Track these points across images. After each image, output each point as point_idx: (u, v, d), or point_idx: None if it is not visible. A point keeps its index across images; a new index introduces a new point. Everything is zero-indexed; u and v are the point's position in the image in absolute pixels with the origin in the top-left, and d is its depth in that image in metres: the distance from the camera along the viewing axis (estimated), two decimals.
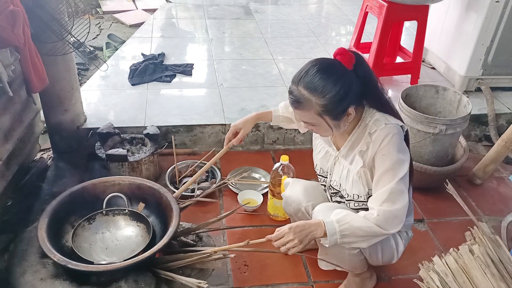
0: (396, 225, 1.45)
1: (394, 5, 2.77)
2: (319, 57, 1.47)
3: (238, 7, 4.55)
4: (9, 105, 1.95)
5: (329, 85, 1.36)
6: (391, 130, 1.43)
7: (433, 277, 1.49)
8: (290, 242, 1.43)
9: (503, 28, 2.77)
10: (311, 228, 1.45)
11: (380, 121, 1.45)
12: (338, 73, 1.38)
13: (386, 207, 1.43)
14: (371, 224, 1.43)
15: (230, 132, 1.81)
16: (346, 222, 1.44)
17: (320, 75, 1.37)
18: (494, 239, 1.53)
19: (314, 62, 1.42)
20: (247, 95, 2.91)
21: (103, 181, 1.89)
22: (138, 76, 3.03)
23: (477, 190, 2.45)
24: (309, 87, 1.38)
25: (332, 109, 1.39)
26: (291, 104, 1.45)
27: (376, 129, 1.44)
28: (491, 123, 2.81)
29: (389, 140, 1.42)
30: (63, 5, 2.05)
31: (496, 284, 1.39)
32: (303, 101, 1.39)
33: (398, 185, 1.42)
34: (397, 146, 1.43)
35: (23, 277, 1.56)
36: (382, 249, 1.60)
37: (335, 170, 1.61)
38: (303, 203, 1.73)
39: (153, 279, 1.59)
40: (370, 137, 1.46)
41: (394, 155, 1.42)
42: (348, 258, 1.60)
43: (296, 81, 1.41)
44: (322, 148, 1.66)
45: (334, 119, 1.42)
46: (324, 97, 1.37)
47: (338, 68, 1.39)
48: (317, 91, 1.37)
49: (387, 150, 1.43)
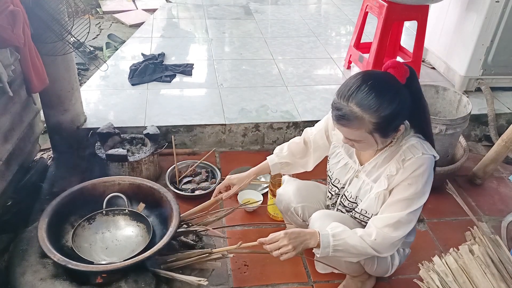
0: (390, 251, 1.46)
1: (394, 5, 2.77)
2: (368, 70, 1.41)
3: (238, 7, 4.55)
4: (9, 105, 1.95)
5: (385, 103, 1.28)
6: (426, 162, 1.38)
7: (433, 277, 1.49)
8: (284, 247, 1.41)
9: (503, 28, 2.77)
10: (306, 237, 1.44)
11: (417, 148, 1.39)
12: (393, 90, 1.30)
13: (387, 232, 1.42)
14: (366, 246, 1.42)
15: (222, 184, 1.77)
16: (342, 239, 1.43)
17: (375, 92, 1.28)
18: (494, 239, 1.53)
19: (366, 77, 1.31)
20: (247, 95, 2.92)
21: (103, 181, 1.89)
22: (138, 76, 3.03)
23: (477, 190, 2.45)
24: (363, 105, 1.28)
25: (385, 127, 1.33)
26: (336, 121, 1.35)
27: (412, 157, 1.38)
28: (491, 123, 2.81)
29: (421, 172, 1.38)
30: (63, 5, 2.05)
31: (496, 284, 1.39)
32: (353, 119, 1.30)
33: (409, 216, 1.42)
34: (426, 179, 1.40)
35: (23, 277, 1.56)
36: (378, 262, 1.60)
37: (353, 183, 1.57)
38: (293, 203, 1.72)
39: (153, 279, 1.59)
40: (403, 164, 1.40)
41: (419, 188, 1.40)
42: (345, 263, 1.60)
43: (346, 97, 1.30)
44: (342, 159, 1.60)
45: (383, 137, 1.36)
46: (379, 115, 1.28)
47: (393, 83, 1.31)
48: (371, 109, 1.28)
49: (415, 181, 1.39)
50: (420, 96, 1.40)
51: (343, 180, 1.61)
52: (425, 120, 1.45)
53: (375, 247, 1.43)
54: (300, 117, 2.69)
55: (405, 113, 1.35)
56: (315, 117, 2.69)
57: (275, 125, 2.66)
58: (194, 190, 2.29)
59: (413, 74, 1.35)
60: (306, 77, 3.19)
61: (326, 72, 3.33)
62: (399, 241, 1.45)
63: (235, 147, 2.69)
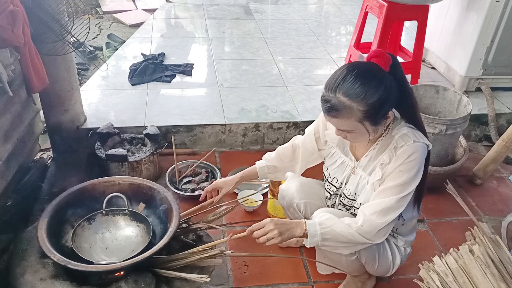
0: (379, 237, 1.45)
1: (394, 5, 2.77)
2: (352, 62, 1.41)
3: (238, 7, 4.55)
4: (9, 105, 1.95)
5: (371, 90, 1.30)
6: (417, 149, 1.40)
7: (433, 277, 1.49)
8: (270, 232, 1.43)
9: (503, 28, 2.77)
10: (291, 225, 1.45)
11: (409, 136, 1.41)
12: (378, 77, 1.33)
13: (374, 219, 1.42)
14: (353, 232, 1.42)
15: (210, 187, 1.80)
16: (328, 226, 1.43)
17: (361, 81, 1.31)
18: (494, 239, 1.53)
19: (350, 67, 1.35)
20: (247, 95, 2.91)
21: (103, 181, 1.88)
22: (138, 76, 3.03)
23: (477, 190, 2.45)
24: (350, 94, 1.31)
25: (374, 114, 1.35)
26: (327, 113, 1.38)
27: (404, 145, 1.40)
28: (491, 123, 2.81)
29: (413, 159, 1.40)
30: (63, 5, 2.05)
31: (496, 284, 1.39)
32: (342, 109, 1.33)
33: (398, 202, 1.42)
34: (418, 167, 1.41)
35: (23, 277, 1.56)
36: (379, 260, 1.60)
37: (350, 180, 1.58)
38: (295, 199, 1.73)
39: (153, 279, 1.59)
40: (395, 151, 1.42)
41: (411, 175, 1.41)
42: (346, 262, 1.60)
43: (333, 88, 1.33)
44: (339, 158, 1.61)
45: (373, 124, 1.38)
46: (366, 103, 1.31)
47: (377, 71, 1.34)
48: (358, 97, 1.30)
49: (406, 168, 1.40)
50: (405, 83, 1.42)
51: (340, 179, 1.62)
52: (411, 106, 1.46)
53: (362, 234, 1.42)
54: (300, 117, 2.69)
55: (392, 100, 1.37)
56: (315, 117, 2.64)
57: (275, 125, 2.66)
58: (194, 190, 2.29)
59: (396, 61, 1.38)
60: (306, 77, 3.19)
61: (326, 72, 3.33)
62: (387, 227, 1.44)
63: (235, 147, 2.69)
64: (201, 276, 1.52)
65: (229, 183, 1.78)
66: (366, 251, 1.56)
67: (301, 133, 2.68)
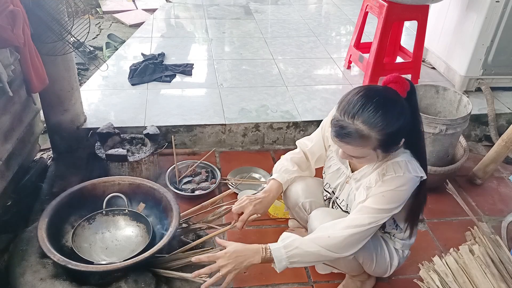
0: (347, 251, 1.42)
1: (394, 5, 2.77)
2: (370, 84, 1.38)
3: (238, 7, 4.55)
4: (9, 105, 1.95)
5: (392, 120, 1.27)
6: (405, 183, 1.37)
7: (433, 277, 1.49)
8: (224, 268, 1.39)
9: (503, 28, 2.77)
10: (248, 254, 1.42)
11: (400, 167, 1.37)
12: (399, 106, 1.29)
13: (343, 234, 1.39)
14: (320, 248, 1.40)
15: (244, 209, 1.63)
16: (295, 247, 1.41)
17: (382, 110, 1.26)
18: (494, 239, 1.53)
19: (371, 94, 1.29)
20: (247, 95, 2.92)
21: (103, 181, 1.89)
22: (138, 76, 3.03)
23: (477, 190, 2.45)
24: (370, 123, 1.26)
25: (389, 143, 1.32)
26: (340, 138, 1.32)
27: (392, 175, 1.37)
28: (491, 123, 2.81)
29: (399, 191, 1.38)
30: (63, 5, 2.05)
31: (496, 284, 1.39)
32: (358, 137, 1.28)
33: (369, 225, 1.39)
34: (402, 199, 1.39)
35: (23, 277, 1.56)
36: (376, 261, 1.60)
37: (344, 189, 1.57)
38: (301, 199, 1.72)
39: (153, 279, 1.59)
40: (381, 178, 1.39)
41: (391, 206, 1.39)
42: (344, 262, 1.60)
43: (351, 115, 1.28)
44: (334, 164, 1.61)
45: (385, 152, 1.35)
46: (385, 132, 1.27)
47: (397, 99, 1.30)
48: (378, 127, 1.26)
49: (390, 196, 1.38)
50: (418, 110, 1.40)
51: (333, 185, 1.62)
52: (419, 134, 1.44)
53: (329, 248, 1.40)
54: (300, 117, 2.69)
55: (408, 128, 1.34)
56: (315, 117, 2.69)
57: (275, 125, 2.66)
58: (194, 190, 2.29)
59: (413, 88, 1.35)
60: (306, 77, 3.19)
61: (326, 72, 3.33)
62: (355, 245, 1.42)
63: (235, 147, 2.69)
64: (200, 276, 1.52)
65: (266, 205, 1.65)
66: (364, 251, 1.55)
67: (301, 133, 2.69)
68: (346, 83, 3.14)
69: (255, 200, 1.62)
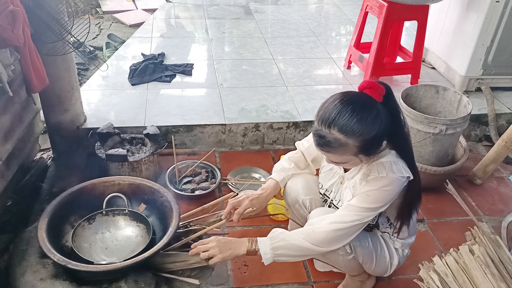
0: (330, 246, 1.45)
1: (394, 5, 2.77)
2: (346, 90, 1.37)
3: (238, 7, 4.55)
4: (9, 105, 1.95)
5: (368, 126, 1.28)
6: (389, 183, 1.39)
7: (433, 277, 1.49)
8: (211, 250, 1.47)
9: (503, 28, 2.77)
10: (235, 244, 1.48)
11: (384, 168, 1.39)
12: (374, 111, 1.30)
13: (328, 228, 1.43)
14: (303, 241, 1.43)
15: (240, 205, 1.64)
16: (280, 239, 1.45)
17: (357, 116, 1.27)
18: (494, 239, 1.53)
19: (345, 101, 1.30)
20: (247, 95, 2.92)
21: (103, 181, 1.89)
22: (138, 76, 3.03)
23: (477, 190, 2.45)
24: (346, 131, 1.28)
25: (369, 147, 1.34)
26: (320, 148, 1.36)
27: (375, 175, 1.40)
28: (491, 123, 2.81)
29: (382, 191, 1.40)
30: (63, 5, 2.05)
31: (496, 284, 1.39)
32: (337, 145, 1.31)
33: (353, 223, 1.42)
34: (386, 199, 1.41)
35: (23, 277, 1.56)
36: (376, 260, 1.60)
37: (338, 189, 1.58)
38: (301, 195, 1.72)
39: (153, 279, 1.59)
40: (365, 178, 1.42)
41: (376, 204, 1.41)
42: (343, 262, 1.60)
43: (327, 123, 1.30)
44: (327, 164, 1.61)
45: (367, 155, 1.38)
46: (363, 139, 1.29)
47: (372, 104, 1.31)
48: (355, 134, 1.28)
49: (374, 196, 1.40)
50: (397, 113, 1.40)
51: (326, 185, 1.63)
52: (403, 135, 1.44)
53: (313, 242, 1.43)
54: (300, 117, 2.69)
55: (386, 131, 1.34)
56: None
57: (275, 125, 2.66)
58: (194, 190, 2.29)
59: (389, 91, 1.36)
60: (306, 77, 3.19)
61: (326, 72, 3.33)
62: (339, 240, 1.45)
63: (235, 147, 2.69)
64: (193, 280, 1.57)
65: (263, 202, 1.67)
66: (363, 251, 1.56)
67: (301, 133, 2.69)
68: (346, 83, 3.15)
69: (252, 196, 1.66)
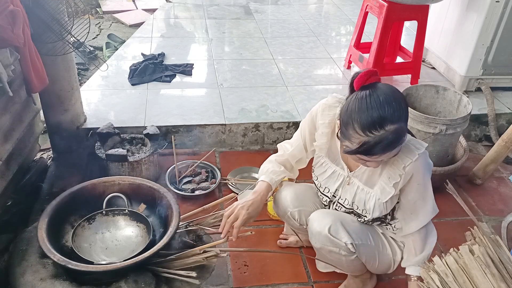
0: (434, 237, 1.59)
1: (394, 5, 2.77)
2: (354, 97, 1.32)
3: (238, 7, 4.55)
4: (9, 105, 1.95)
5: (403, 101, 1.30)
6: (424, 161, 1.42)
7: (433, 277, 1.49)
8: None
9: (503, 28, 2.77)
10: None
11: (411, 150, 1.40)
12: (393, 88, 1.31)
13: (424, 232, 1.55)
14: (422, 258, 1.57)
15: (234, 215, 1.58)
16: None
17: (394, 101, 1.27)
18: (494, 239, 1.53)
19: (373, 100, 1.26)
20: (247, 95, 2.91)
21: (103, 181, 1.89)
22: (138, 76, 3.03)
23: (477, 190, 2.45)
24: (396, 118, 1.25)
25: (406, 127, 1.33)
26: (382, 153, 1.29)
27: (411, 162, 1.39)
28: (491, 123, 2.81)
29: (424, 171, 1.43)
30: (63, 5, 2.05)
31: (496, 284, 1.39)
32: (397, 138, 1.27)
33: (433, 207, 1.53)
34: (429, 170, 1.47)
35: (23, 277, 1.56)
36: (379, 258, 1.61)
37: (345, 189, 1.57)
38: (289, 208, 1.71)
39: (153, 279, 1.59)
40: (404, 170, 1.41)
41: (427, 184, 1.47)
42: (346, 263, 1.59)
43: (377, 125, 1.24)
44: (329, 167, 1.60)
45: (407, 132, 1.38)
46: (407, 113, 1.31)
47: (386, 85, 1.32)
48: (402, 116, 1.28)
49: (423, 180, 1.45)
50: None
51: (332, 189, 1.61)
52: None
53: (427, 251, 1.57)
54: (300, 117, 2.69)
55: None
56: None
57: (275, 125, 2.66)
58: (194, 190, 2.29)
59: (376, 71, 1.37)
60: (306, 77, 3.19)
61: (326, 72, 3.33)
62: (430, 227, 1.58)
63: (235, 147, 2.69)
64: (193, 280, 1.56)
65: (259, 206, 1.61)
66: (366, 250, 1.56)
67: None
68: (346, 83, 3.12)
69: (245, 203, 1.58)
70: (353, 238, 1.52)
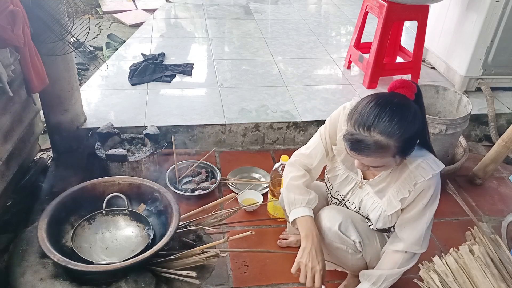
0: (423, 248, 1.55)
1: (394, 5, 2.77)
2: (376, 92, 1.34)
3: (238, 7, 4.55)
4: (9, 105, 1.95)
5: (409, 125, 1.26)
6: (435, 182, 1.40)
7: (433, 277, 1.49)
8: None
9: (503, 28, 2.77)
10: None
11: (426, 169, 1.38)
12: (412, 110, 1.28)
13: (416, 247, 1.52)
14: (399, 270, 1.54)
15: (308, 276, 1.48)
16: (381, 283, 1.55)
17: (397, 117, 1.24)
18: (494, 239, 1.54)
19: (382, 103, 1.27)
20: (247, 95, 2.91)
21: (103, 181, 1.89)
22: (138, 76, 3.03)
23: (477, 190, 2.44)
24: (387, 132, 1.24)
25: (407, 147, 1.31)
26: (357, 152, 1.30)
27: (423, 180, 1.38)
28: (491, 123, 2.81)
29: (432, 193, 1.41)
30: (63, 5, 2.05)
31: (496, 284, 1.39)
32: (378, 148, 1.26)
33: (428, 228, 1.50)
34: (438, 196, 1.45)
35: (23, 277, 1.56)
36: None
37: (356, 193, 1.57)
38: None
39: (153, 279, 1.59)
40: (414, 187, 1.40)
41: (433, 206, 1.45)
42: (351, 261, 1.60)
43: (366, 127, 1.26)
44: (342, 173, 1.59)
45: (403, 156, 1.35)
46: (404, 138, 1.26)
47: (408, 103, 1.29)
48: (396, 135, 1.25)
49: (429, 201, 1.43)
50: (424, 109, 1.41)
51: (343, 192, 1.61)
52: (427, 130, 1.46)
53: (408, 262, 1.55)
54: (300, 117, 2.69)
55: (422, 129, 1.34)
56: (315, 117, 2.69)
57: (275, 125, 2.66)
58: (194, 190, 2.29)
59: (419, 89, 1.36)
60: (306, 77, 3.19)
61: (326, 72, 3.33)
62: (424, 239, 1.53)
63: (235, 147, 2.69)
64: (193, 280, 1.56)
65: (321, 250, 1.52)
66: (372, 251, 1.57)
67: (301, 133, 2.69)
68: (346, 83, 3.15)
69: (310, 256, 1.47)
70: (362, 237, 1.53)
